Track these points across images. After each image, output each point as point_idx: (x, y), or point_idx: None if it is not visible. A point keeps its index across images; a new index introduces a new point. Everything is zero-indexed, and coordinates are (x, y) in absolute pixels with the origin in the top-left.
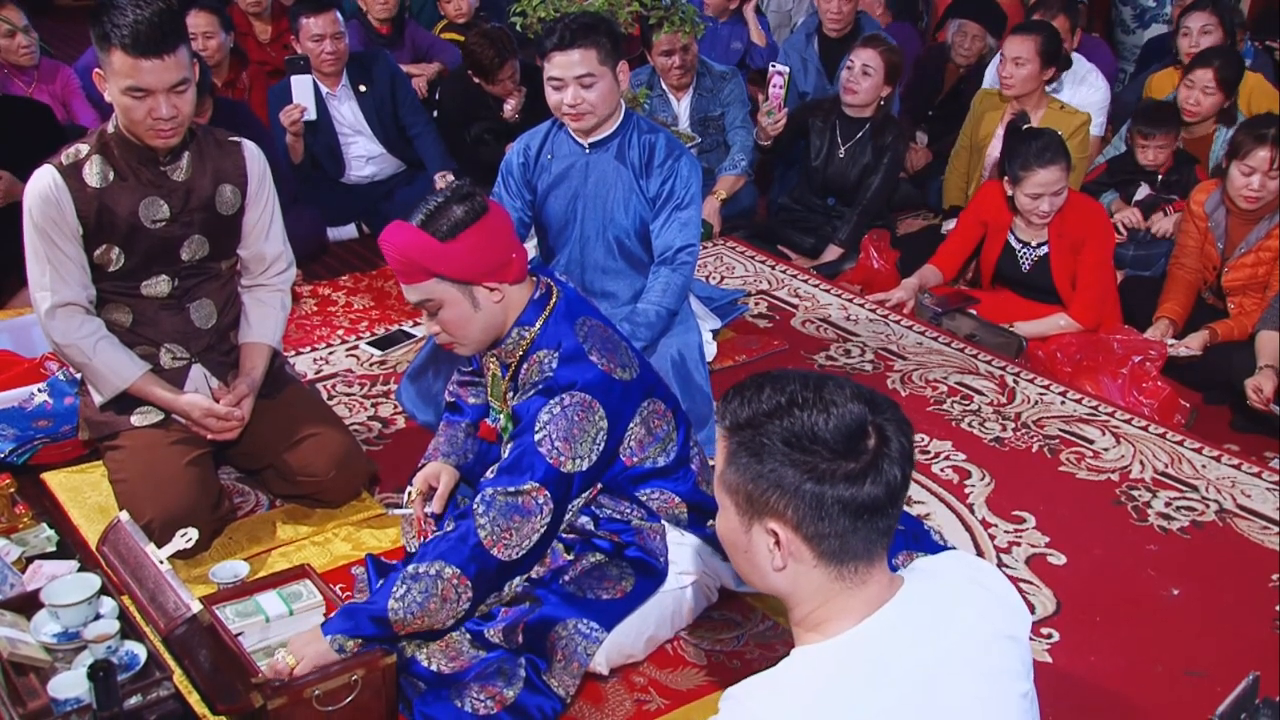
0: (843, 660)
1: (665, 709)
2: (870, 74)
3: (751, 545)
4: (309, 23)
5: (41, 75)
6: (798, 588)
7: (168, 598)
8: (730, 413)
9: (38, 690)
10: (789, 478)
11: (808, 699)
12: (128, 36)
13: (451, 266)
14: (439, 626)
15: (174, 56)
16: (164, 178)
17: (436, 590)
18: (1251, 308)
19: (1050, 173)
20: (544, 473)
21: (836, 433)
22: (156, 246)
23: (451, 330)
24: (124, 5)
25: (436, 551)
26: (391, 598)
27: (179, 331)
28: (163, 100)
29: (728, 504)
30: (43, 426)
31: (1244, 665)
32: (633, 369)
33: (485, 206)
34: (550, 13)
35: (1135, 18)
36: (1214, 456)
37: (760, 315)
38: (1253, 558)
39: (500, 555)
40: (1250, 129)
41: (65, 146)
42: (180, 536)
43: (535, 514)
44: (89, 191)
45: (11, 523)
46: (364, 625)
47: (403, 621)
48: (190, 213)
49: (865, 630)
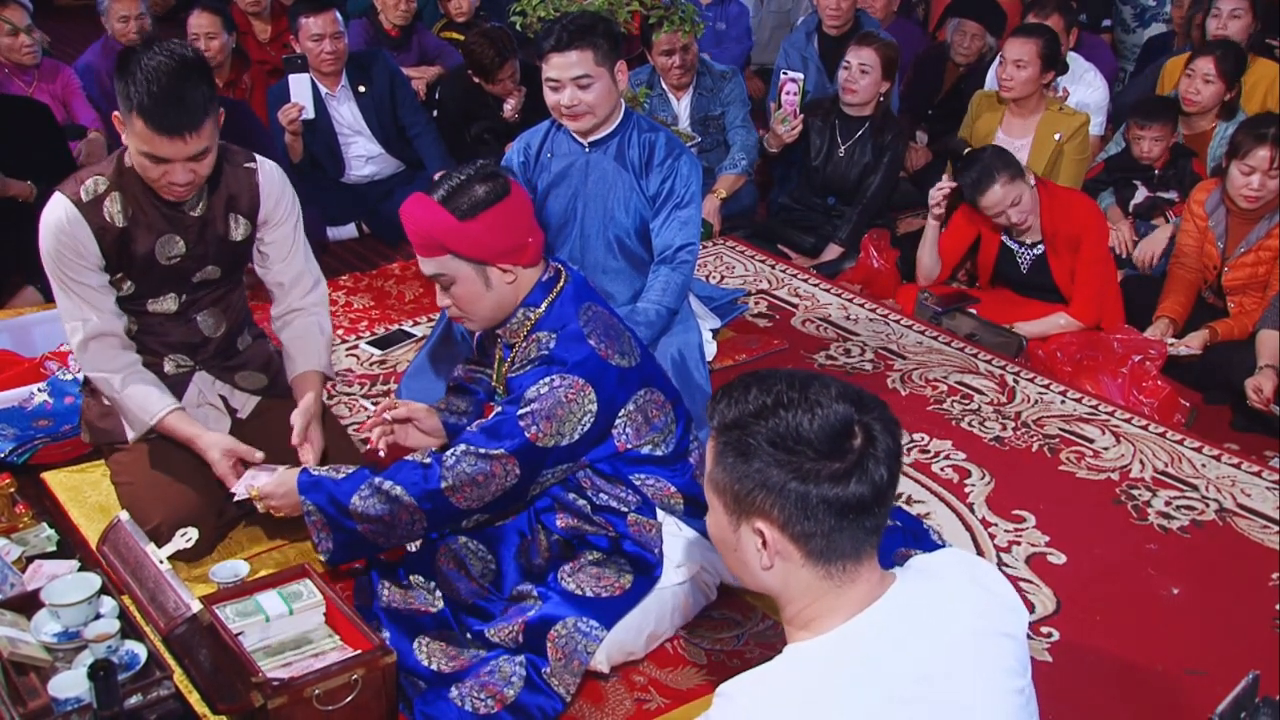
0: (833, 657)
1: (665, 708)
2: (868, 72)
3: (740, 544)
4: (308, 22)
5: (42, 75)
6: (787, 586)
7: (168, 597)
8: (718, 413)
9: (38, 689)
10: (774, 478)
11: (798, 695)
12: (150, 111)
13: (467, 245)
14: (394, 540)
15: (196, 135)
16: (181, 215)
17: (393, 511)
18: (1252, 307)
19: (994, 193)
20: (519, 445)
21: (821, 433)
22: (169, 276)
23: (462, 305)
24: (152, 74)
25: (405, 478)
26: (357, 495)
27: (184, 341)
28: (180, 168)
29: (716, 503)
30: (43, 426)
31: (1244, 664)
32: (632, 357)
33: (508, 188)
34: (550, 12)
35: (1135, 17)
36: (1214, 456)
37: (760, 314)
38: (1253, 557)
39: (458, 504)
40: (1250, 128)
41: (81, 175)
42: (180, 536)
43: (500, 478)
44: (110, 229)
45: (12, 522)
46: (328, 502)
47: (360, 516)
48: (204, 245)
49: (855, 627)
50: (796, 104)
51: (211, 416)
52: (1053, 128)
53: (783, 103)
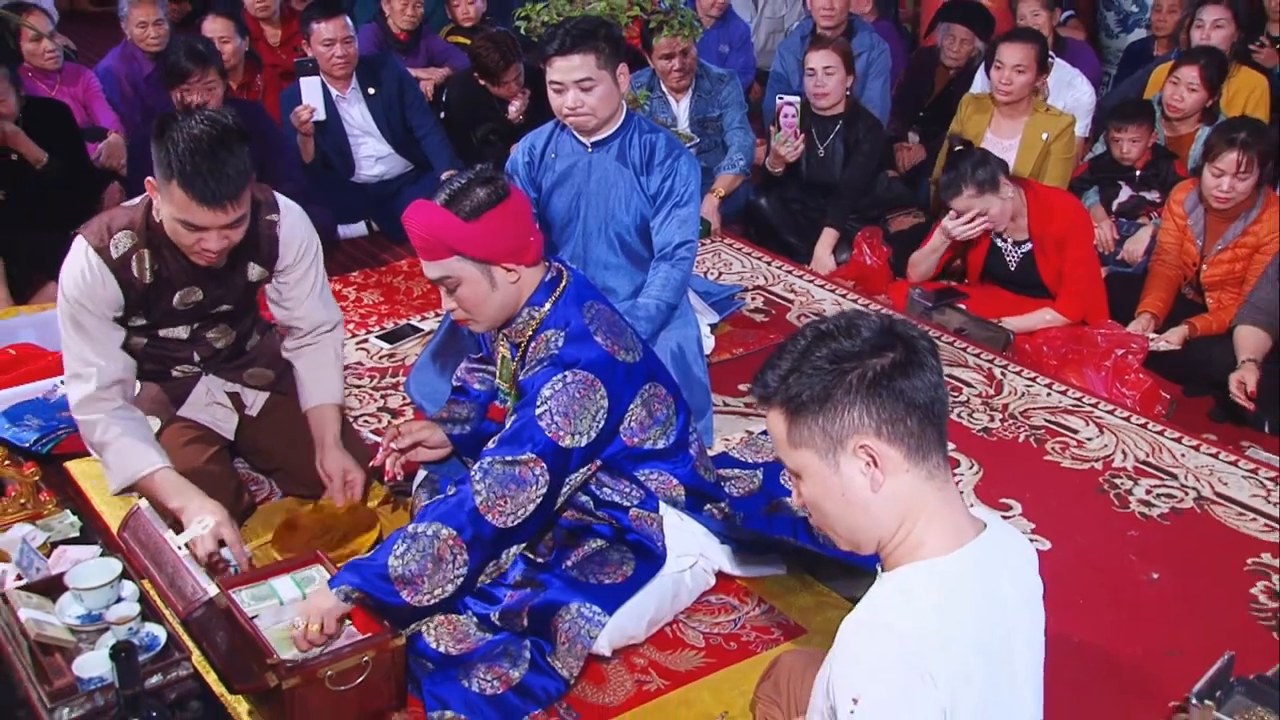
0: (954, 572)
1: (665, 689)
2: (833, 72)
3: (845, 484)
4: (320, 27)
5: (64, 78)
6: (898, 502)
7: (186, 582)
8: (769, 379)
9: (63, 669)
10: (853, 387)
11: (935, 599)
12: (191, 180)
13: (473, 245)
14: (435, 590)
15: (235, 204)
16: (205, 270)
17: (433, 550)
18: (1229, 302)
19: (960, 200)
20: (542, 445)
21: (870, 336)
22: (184, 313)
23: (468, 307)
24: (193, 143)
25: (435, 514)
26: (391, 555)
27: (193, 353)
28: (215, 235)
29: (807, 459)
30: (65, 417)
31: (1220, 645)
32: (636, 352)
33: (507, 190)
34: (553, 17)
35: (1119, 22)
36: (1193, 446)
37: (757, 310)
38: (1229, 543)
39: (495, 521)
40: (1222, 133)
41: (110, 225)
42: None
43: (531, 484)
44: (137, 285)
45: (37, 509)
46: (368, 578)
47: (402, 578)
48: (222, 290)
49: (965, 554)
50: (795, 125)
51: (220, 415)
52: (1040, 129)
53: (782, 125)
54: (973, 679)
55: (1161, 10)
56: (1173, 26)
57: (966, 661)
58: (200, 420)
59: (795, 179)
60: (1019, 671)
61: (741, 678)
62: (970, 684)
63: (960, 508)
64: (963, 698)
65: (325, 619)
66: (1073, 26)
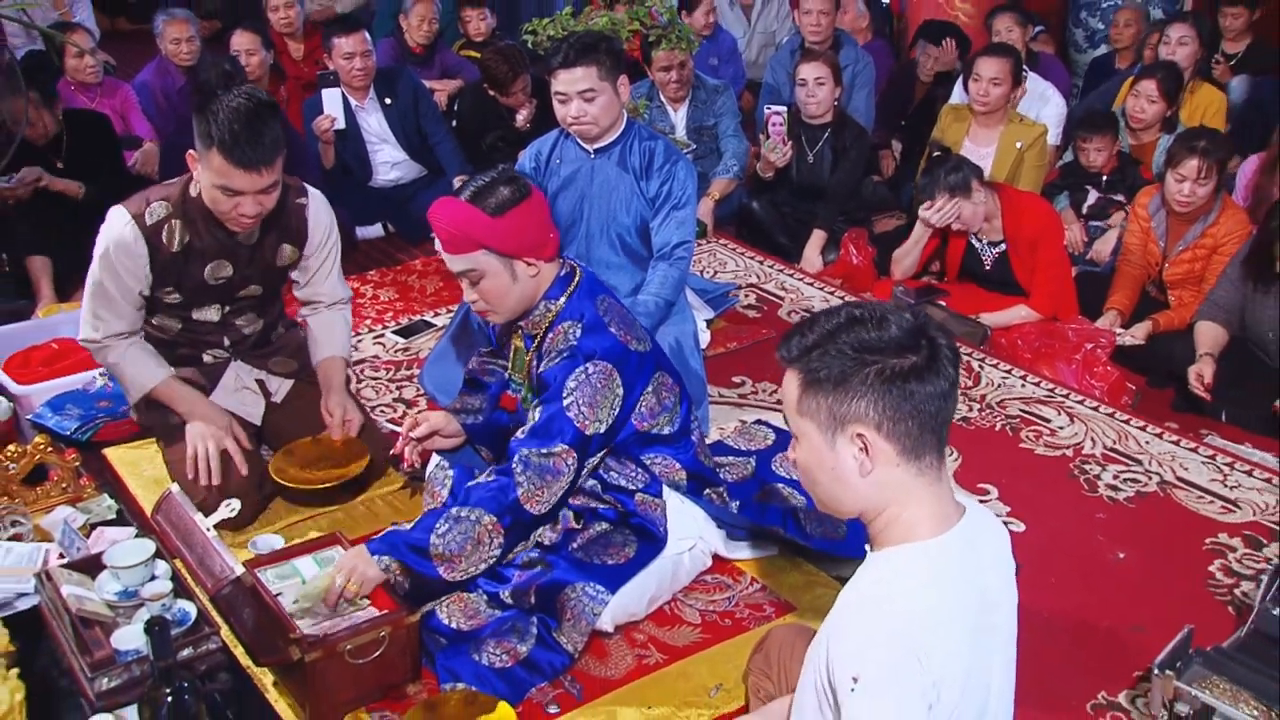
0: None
1: (663, 663)
2: (824, 83)
3: (839, 460)
4: (341, 42)
5: (103, 92)
6: (884, 488)
7: (214, 561)
8: (794, 346)
9: (102, 641)
10: (868, 377)
11: (925, 579)
12: (230, 147)
13: (499, 240)
14: (470, 568)
15: (270, 169)
16: (235, 243)
17: (474, 534)
18: (1189, 299)
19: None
20: (571, 436)
21: (899, 334)
22: (215, 291)
23: (490, 299)
24: (233, 114)
25: (476, 499)
26: (434, 533)
27: (223, 339)
28: (250, 200)
29: (808, 428)
30: (104, 407)
31: (1180, 619)
32: (646, 343)
33: (529, 189)
34: (559, 31)
35: (1086, 39)
36: (1156, 434)
37: (750, 306)
38: (1189, 524)
39: (533, 510)
40: (1183, 141)
41: (148, 196)
42: (225, 506)
43: (564, 474)
44: (165, 251)
45: (77, 493)
46: (405, 552)
47: (441, 556)
48: (252, 269)
49: (950, 539)
50: (783, 133)
51: (249, 399)
52: (1015, 137)
53: (770, 134)
54: (959, 656)
55: (1119, 25)
56: (1130, 39)
57: (953, 639)
58: (229, 406)
59: (786, 183)
60: (997, 647)
61: (735, 652)
62: (957, 660)
63: (948, 497)
64: (949, 673)
65: (365, 585)
66: (1043, 41)
